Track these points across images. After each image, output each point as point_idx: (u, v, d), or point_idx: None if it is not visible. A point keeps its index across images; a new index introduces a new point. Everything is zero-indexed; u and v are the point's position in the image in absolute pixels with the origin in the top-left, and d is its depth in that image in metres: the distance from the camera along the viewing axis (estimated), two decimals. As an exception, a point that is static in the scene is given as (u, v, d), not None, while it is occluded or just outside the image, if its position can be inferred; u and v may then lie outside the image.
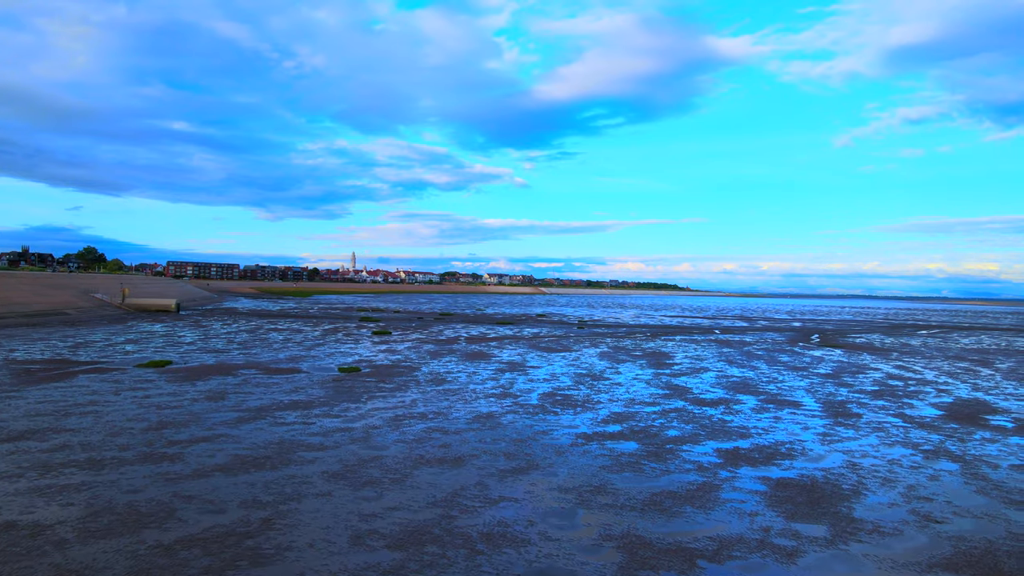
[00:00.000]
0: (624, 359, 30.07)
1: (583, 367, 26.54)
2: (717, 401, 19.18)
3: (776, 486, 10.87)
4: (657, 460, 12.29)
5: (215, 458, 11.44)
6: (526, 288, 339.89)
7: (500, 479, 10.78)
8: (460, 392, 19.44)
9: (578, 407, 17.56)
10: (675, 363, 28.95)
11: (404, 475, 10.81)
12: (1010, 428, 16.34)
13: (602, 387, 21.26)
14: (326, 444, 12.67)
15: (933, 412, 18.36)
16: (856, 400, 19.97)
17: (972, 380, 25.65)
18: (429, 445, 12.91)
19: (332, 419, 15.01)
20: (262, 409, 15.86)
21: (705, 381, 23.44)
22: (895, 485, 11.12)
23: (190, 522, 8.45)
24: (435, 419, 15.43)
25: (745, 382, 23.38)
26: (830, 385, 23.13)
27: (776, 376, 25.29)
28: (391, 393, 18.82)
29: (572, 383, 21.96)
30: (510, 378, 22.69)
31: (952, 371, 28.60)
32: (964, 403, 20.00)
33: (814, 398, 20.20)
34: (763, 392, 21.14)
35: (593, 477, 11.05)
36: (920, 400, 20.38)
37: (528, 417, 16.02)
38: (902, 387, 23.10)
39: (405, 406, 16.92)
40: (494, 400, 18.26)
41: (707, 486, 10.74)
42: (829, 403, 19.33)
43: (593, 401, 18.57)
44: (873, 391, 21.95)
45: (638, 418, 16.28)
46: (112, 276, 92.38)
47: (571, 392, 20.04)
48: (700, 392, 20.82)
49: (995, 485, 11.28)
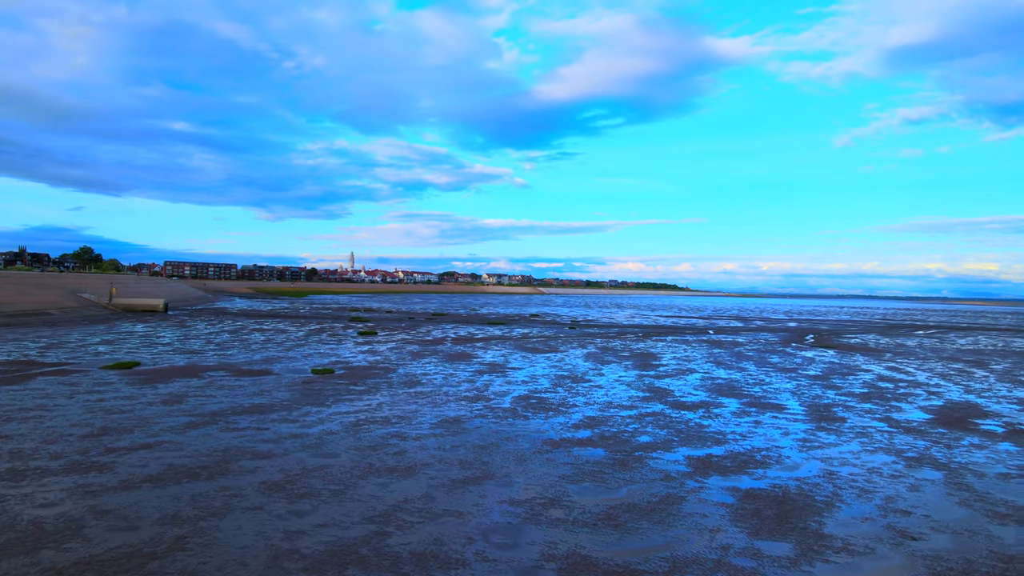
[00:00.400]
0: (610, 360, 29.38)
1: (565, 369, 25.85)
2: (697, 404, 18.48)
3: (745, 498, 10.17)
4: (622, 469, 11.60)
5: (148, 468, 10.74)
6: (525, 288, 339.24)
7: (449, 490, 10.09)
8: (431, 395, 18.75)
9: (551, 411, 16.87)
10: (661, 364, 28.25)
11: (347, 486, 10.12)
12: (1000, 433, 15.65)
13: (581, 390, 20.56)
14: (274, 452, 11.98)
15: (921, 416, 17.67)
16: (842, 403, 19.28)
17: (965, 382, 24.96)
18: (383, 453, 12.21)
19: (288, 424, 14.31)
20: (217, 414, 15.16)
21: (689, 383, 22.74)
22: (872, 497, 10.42)
23: (95, 541, 7.76)
24: (397, 424, 14.74)
25: (730, 384, 22.69)
26: (817, 387, 22.44)
27: (763, 378, 24.59)
28: (359, 396, 18.12)
29: (550, 386, 21.26)
30: (487, 380, 22.00)
31: (945, 372, 27.90)
32: (954, 406, 19.31)
33: (799, 401, 19.51)
34: (747, 395, 20.44)
35: (550, 488, 10.35)
36: (909, 403, 19.69)
37: (496, 422, 15.33)
38: (892, 389, 22.41)
39: (370, 410, 16.23)
40: (465, 404, 17.57)
41: (670, 498, 10.05)
42: (814, 407, 18.63)
43: (568, 405, 17.88)
44: (861, 394, 21.26)
45: (611, 423, 15.59)
46: (103, 276, 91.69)
47: (547, 395, 19.35)
48: (682, 395, 20.13)
49: (979, 496, 10.58)
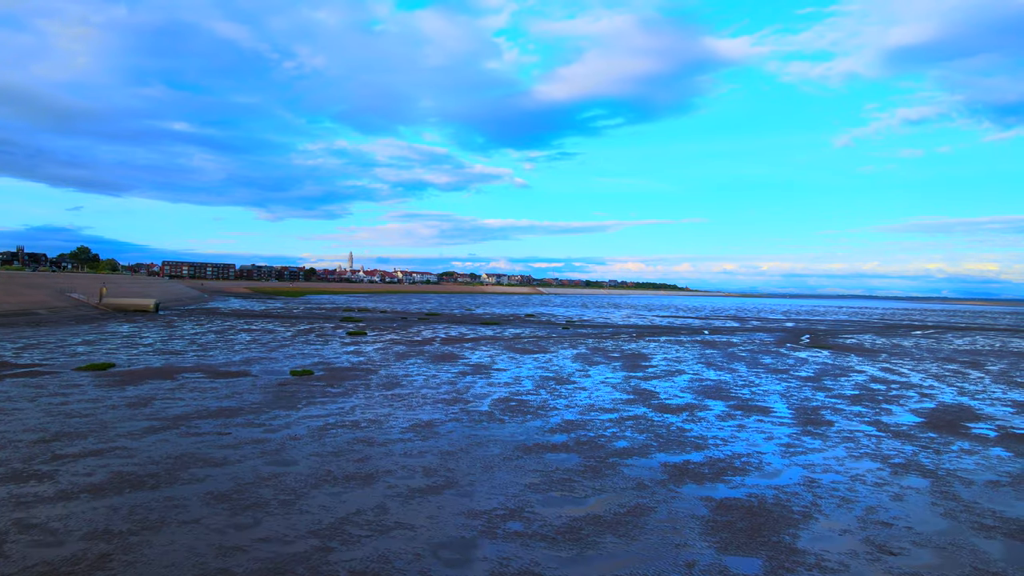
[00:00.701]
0: (599, 361, 28.85)
1: (552, 370, 25.32)
2: (682, 407, 17.96)
3: (718, 508, 9.65)
4: (594, 477, 11.08)
5: (93, 476, 10.22)
6: (524, 288, 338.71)
7: (406, 500, 9.57)
8: (408, 398, 18.23)
9: (529, 415, 16.35)
10: (651, 365, 27.73)
11: (299, 496, 9.60)
12: (992, 438, 15.13)
13: (564, 392, 20.04)
14: (229, 459, 11.46)
15: (911, 419, 17.15)
16: (831, 406, 18.76)
17: (959, 383, 24.43)
18: (345, 459, 11.69)
19: (252, 429, 13.79)
20: (181, 418, 14.64)
21: (676, 385, 22.22)
22: (853, 507, 9.90)
23: (13, 559, 7.24)
24: (367, 429, 14.21)
25: (719, 386, 22.17)
26: (807, 389, 21.91)
27: (753, 380, 24.07)
28: (333, 399, 17.60)
29: (533, 388, 20.74)
30: (469, 382, 21.48)
31: (939, 374, 27.38)
32: (947, 409, 18.79)
33: (787, 404, 18.99)
34: (734, 397, 19.92)
35: (514, 498, 9.83)
36: (900, 406, 19.17)
37: (470, 426, 14.81)
38: (884, 391, 21.89)
39: (341, 413, 15.71)
40: (441, 407, 17.05)
41: (639, 509, 9.53)
42: (802, 409, 18.12)
43: (548, 408, 17.36)
44: (852, 396, 20.74)
45: (590, 427, 15.07)
46: (96, 276, 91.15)
47: (528, 398, 18.83)
48: (667, 397, 19.61)
49: (966, 506, 10.06)
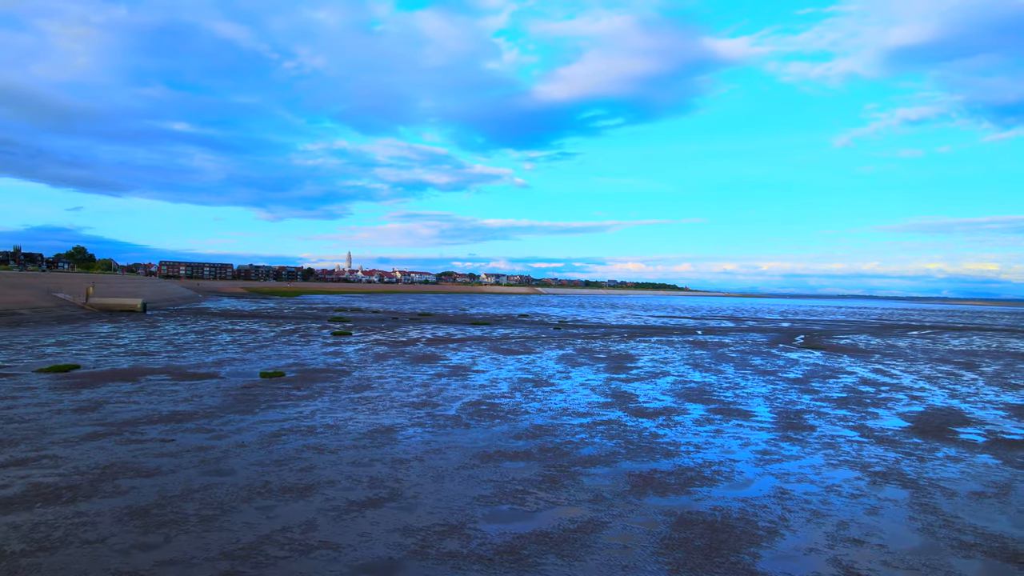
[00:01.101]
0: (583, 362, 28.15)
1: (533, 371, 24.62)
2: (659, 411, 17.26)
3: (677, 524, 8.94)
4: (550, 488, 10.37)
5: (8, 489, 9.51)
6: (522, 288, 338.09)
7: (340, 516, 8.86)
8: (376, 401, 17.53)
9: (498, 419, 15.64)
10: (636, 367, 27.02)
11: (224, 510, 8.89)
12: (980, 443, 14.42)
13: (540, 395, 19.34)
14: (163, 468, 10.75)
15: (898, 424, 16.44)
16: (816, 410, 18.05)
17: (951, 385, 23.73)
18: (288, 469, 10.99)
19: (199, 435, 13.08)
20: (128, 423, 13.93)
21: (658, 387, 21.51)
22: (823, 521, 9.19)
23: None
24: (322, 435, 13.51)
25: (702, 388, 21.47)
26: (794, 392, 21.21)
27: (739, 381, 23.37)
28: (296, 402, 16.90)
29: (508, 390, 20.04)
30: (443, 384, 20.77)
31: (932, 375, 26.67)
32: (935, 412, 18.08)
33: (770, 407, 18.28)
34: (716, 400, 19.22)
35: (457, 512, 9.12)
36: (887, 409, 18.46)
37: (432, 432, 14.10)
38: (872, 394, 21.18)
39: (300, 418, 15.00)
40: (407, 411, 16.35)
41: (592, 524, 8.82)
42: (784, 413, 17.41)
43: (519, 412, 16.65)
44: (839, 399, 20.03)
45: (558, 433, 14.36)
46: (87, 276, 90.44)
47: (501, 401, 18.12)
48: (646, 400, 18.90)
49: (945, 520, 9.35)
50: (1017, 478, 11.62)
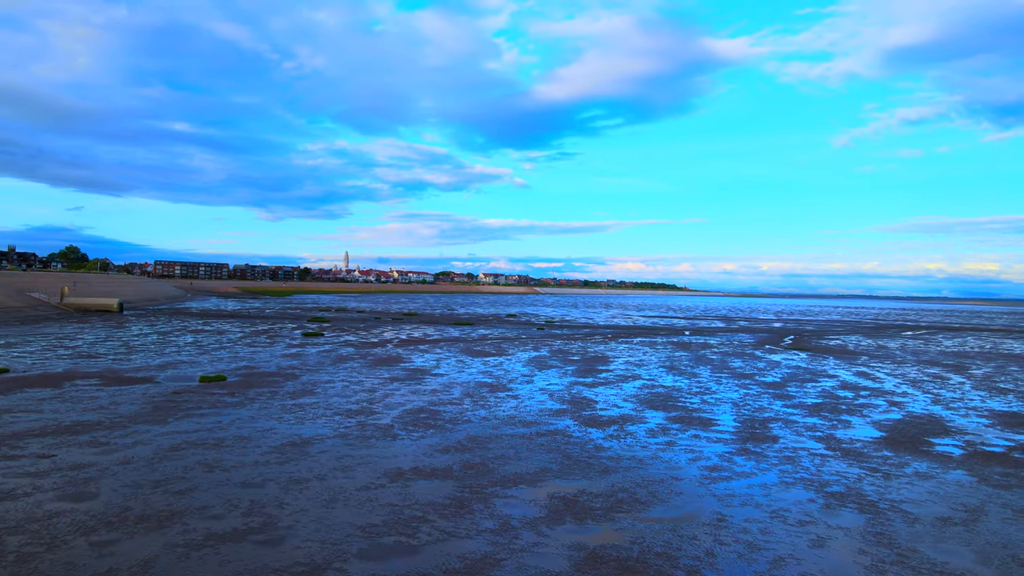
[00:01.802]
0: (553, 364, 26.86)
1: (496, 375, 23.33)
2: (614, 420, 15.97)
3: (587, 561, 7.65)
4: (454, 515, 9.07)
5: None
6: (520, 288, 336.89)
7: (187, 553, 7.56)
8: (310, 408, 16.24)
9: (432, 429, 14.36)
10: (607, 370, 25.73)
11: (51, 546, 7.60)
12: (955, 457, 13.12)
13: (491, 401, 18.06)
14: (16, 491, 9.45)
15: (870, 434, 15.15)
16: (785, 418, 16.77)
17: (936, 390, 22.43)
18: (163, 491, 9.69)
19: (87, 449, 11.79)
20: (13, 436, 12.64)
21: (623, 392, 20.22)
22: (757, 558, 7.90)
23: None
24: (227, 448, 12.22)
25: (669, 394, 20.18)
26: (766, 398, 19.92)
27: (711, 386, 22.08)
28: (220, 410, 15.61)
29: (460, 395, 18.75)
30: (392, 389, 19.49)
31: (918, 379, 25.37)
32: (913, 421, 16.78)
33: (736, 415, 17.00)
34: (680, 407, 17.93)
35: (331, 548, 7.83)
36: (862, 417, 17.17)
37: (353, 444, 12.81)
38: (850, 400, 19.89)
39: (213, 428, 13.72)
40: (339, 419, 15.06)
41: (485, 561, 7.53)
42: (749, 422, 16.13)
43: (460, 420, 15.36)
44: (813, 405, 18.75)
45: (492, 445, 13.07)
46: (70, 275, 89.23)
47: (446, 408, 16.84)
48: (604, 407, 17.62)
49: (900, 555, 8.05)
50: (991, 500, 10.33)
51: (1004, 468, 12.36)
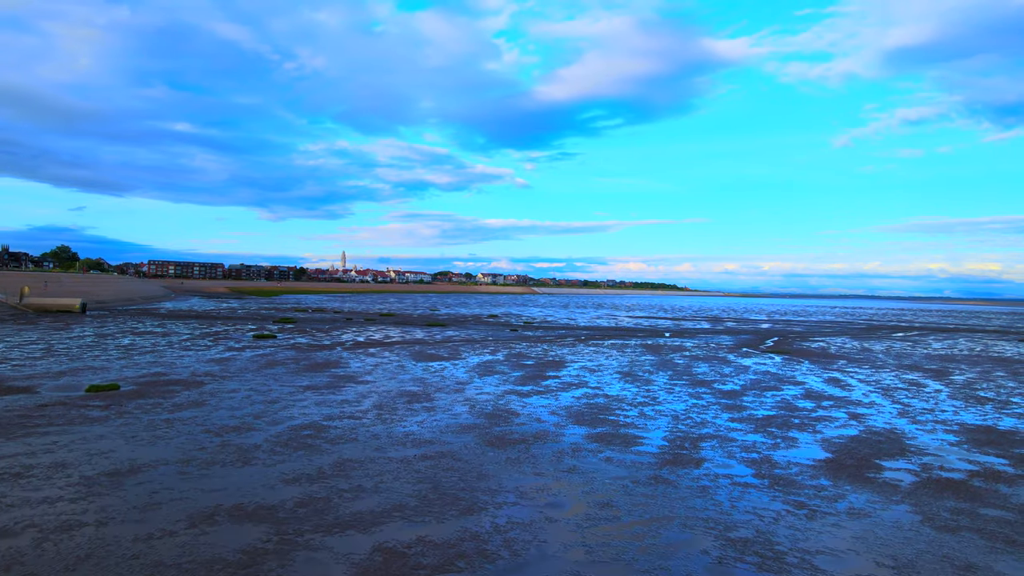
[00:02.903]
0: (500, 370, 24.87)
1: (429, 382, 21.36)
2: (525, 438, 13.99)
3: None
4: (253, 564, 7.09)
5: None
6: (517, 288, 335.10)
7: None
8: (181, 424, 14.28)
9: (303, 450, 12.38)
10: (556, 375, 23.74)
11: None
12: (904, 486, 11.12)
13: (401, 415, 16.10)
14: None
15: (814, 455, 13.15)
16: (724, 435, 14.78)
17: (907, 399, 20.40)
18: None
19: None
20: None
21: (558, 403, 18.26)
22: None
23: None
24: (28, 478, 10.25)
25: (608, 405, 18.21)
26: (715, 409, 17.94)
27: (660, 395, 20.10)
28: (73, 427, 13.66)
29: (369, 407, 16.80)
30: (297, 399, 17.53)
31: (892, 386, 23.34)
32: (869, 438, 14.77)
33: (670, 431, 15.01)
34: (610, 421, 15.95)
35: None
36: (813, 433, 15.17)
37: (187, 474, 10.84)
38: (807, 411, 17.88)
39: (43, 450, 11.75)
40: (203, 438, 13.10)
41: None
42: (681, 440, 14.14)
43: (346, 439, 13.38)
44: (763, 418, 16.76)
45: (358, 472, 11.09)
46: (40, 274, 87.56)
47: (339, 424, 14.88)
48: (523, 423, 15.64)
49: (785, 643, 6.04)
50: (929, 550, 8.32)
51: (957, 502, 10.35)
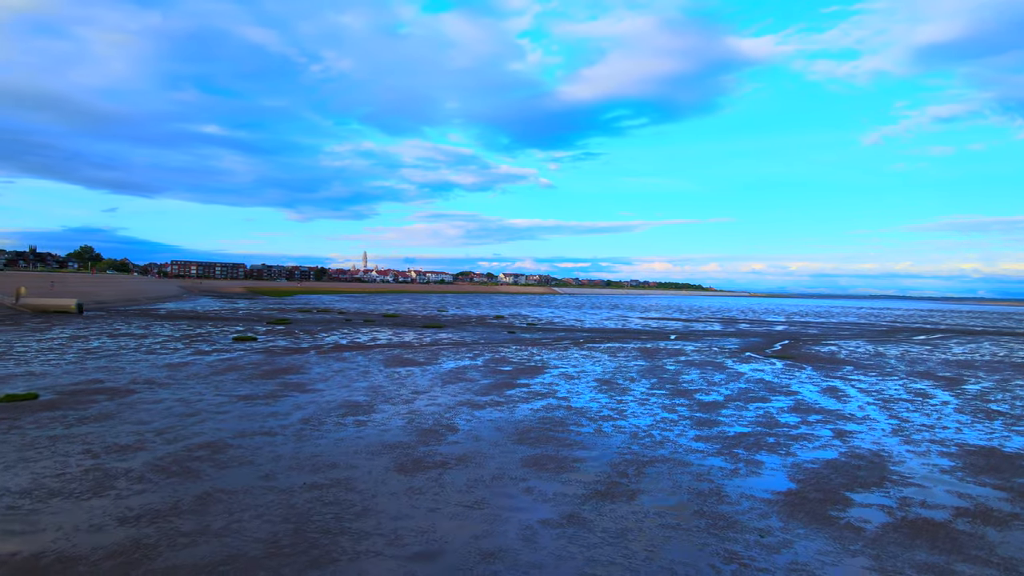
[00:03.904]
0: (470, 377, 23.18)
1: (383, 391, 19.77)
2: (447, 461, 12.28)
3: None
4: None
5: None
6: (538, 288, 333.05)
7: None
8: (71, 441, 12.84)
9: (178, 476, 10.80)
10: (526, 384, 21.97)
11: None
12: (869, 530, 9.19)
13: (328, 429, 14.49)
14: None
15: (775, 485, 11.25)
16: (682, 455, 12.91)
17: (907, 413, 18.29)
18: None
19: None
20: None
21: (509, 417, 16.53)
22: None
23: None
24: None
25: (565, 419, 16.44)
26: (685, 424, 16.07)
27: (630, 407, 18.26)
28: (-60, 446, 12.23)
29: (296, 421, 15.20)
30: (220, 412, 16.02)
31: (894, 396, 21.17)
32: (848, 463, 12.80)
33: (620, 451, 13.19)
34: (558, 439, 14.17)
35: None
36: (785, 456, 13.24)
37: (17, 508, 9.31)
38: (788, 428, 15.92)
39: None
40: (79, 459, 11.61)
41: None
42: (627, 464, 12.32)
43: (236, 462, 11.79)
44: (734, 436, 14.85)
45: (223, 506, 9.48)
46: (46, 275, 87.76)
47: (248, 441, 13.32)
48: (459, 440, 13.94)
49: None
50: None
51: (930, 554, 8.41)
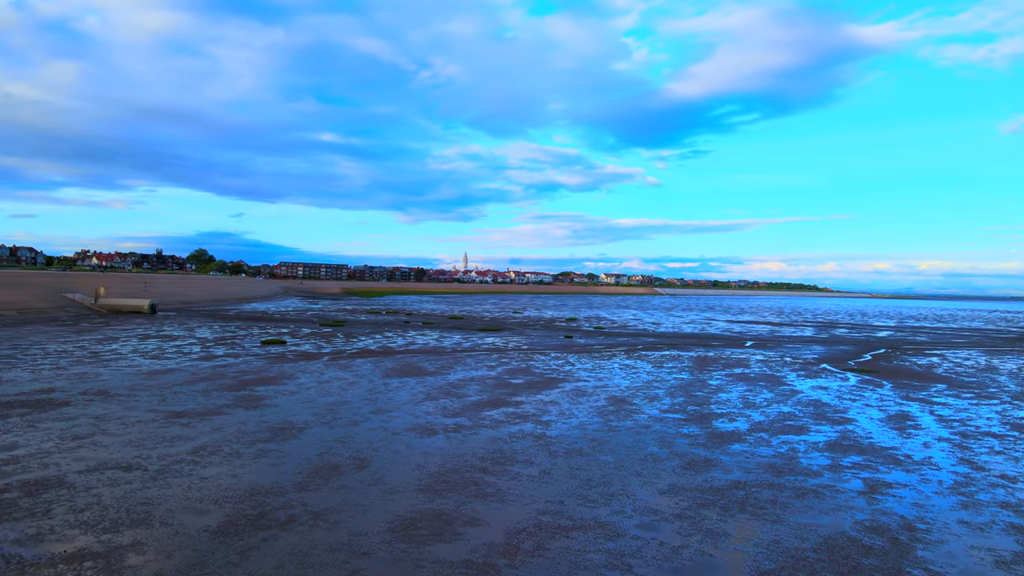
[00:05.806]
0: (465, 392, 20.55)
1: (341, 408, 17.49)
2: (315, 513, 9.67)
3: None
4: None
5: None
6: (640, 289, 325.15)
7: None
8: None
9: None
10: (521, 402, 19.09)
11: None
12: None
13: (290, 447, 12.24)
14: None
15: (759, 567, 7.84)
16: (629, 514, 9.71)
17: (985, 457, 14.02)
18: None
19: None
20: None
21: (458, 448, 13.80)
22: None
23: None
24: None
25: (521, 452, 13.49)
26: (671, 464, 12.73)
27: (619, 437, 15.03)
28: None
29: (190, 449, 13.09)
30: (119, 433, 14.17)
31: (980, 430, 16.62)
32: (856, 540, 9.12)
33: (551, 504, 10.11)
34: (484, 483, 11.27)
35: None
36: (773, 522, 9.70)
37: None
38: (809, 474, 12.20)
39: None
40: None
41: None
42: (543, 529, 9.27)
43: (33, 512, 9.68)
44: (725, 486, 11.40)
45: None
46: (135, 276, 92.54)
47: (92, 477, 11.24)
48: (366, 479, 11.34)
49: None
50: None
51: None
